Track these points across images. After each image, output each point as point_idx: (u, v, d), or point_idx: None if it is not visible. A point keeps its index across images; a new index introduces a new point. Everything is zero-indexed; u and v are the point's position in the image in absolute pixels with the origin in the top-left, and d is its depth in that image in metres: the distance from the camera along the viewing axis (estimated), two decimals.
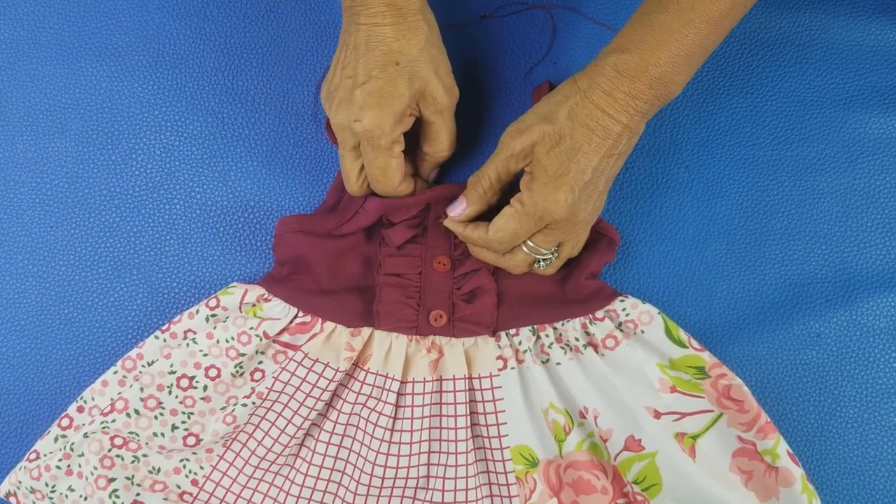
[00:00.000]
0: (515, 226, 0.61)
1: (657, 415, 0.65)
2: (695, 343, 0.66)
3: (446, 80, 0.63)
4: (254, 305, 0.67)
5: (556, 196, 0.60)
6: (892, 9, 0.72)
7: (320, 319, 0.67)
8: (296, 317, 0.67)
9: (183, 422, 0.66)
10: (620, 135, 0.60)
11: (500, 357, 0.66)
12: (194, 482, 0.67)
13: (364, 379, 0.66)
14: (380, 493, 0.65)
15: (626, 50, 0.59)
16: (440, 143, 0.64)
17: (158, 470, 0.66)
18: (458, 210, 0.64)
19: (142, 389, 0.65)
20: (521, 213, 0.61)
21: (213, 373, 0.66)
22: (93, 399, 0.67)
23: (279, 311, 0.66)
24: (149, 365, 0.67)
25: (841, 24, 0.72)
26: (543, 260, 0.64)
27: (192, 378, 0.66)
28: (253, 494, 0.67)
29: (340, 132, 0.62)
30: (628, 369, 0.66)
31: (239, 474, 0.67)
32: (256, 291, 0.67)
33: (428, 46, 0.61)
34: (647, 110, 0.60)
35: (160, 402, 0.66)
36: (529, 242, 0.62)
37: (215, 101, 0.72)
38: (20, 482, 0.66)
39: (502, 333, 0.67)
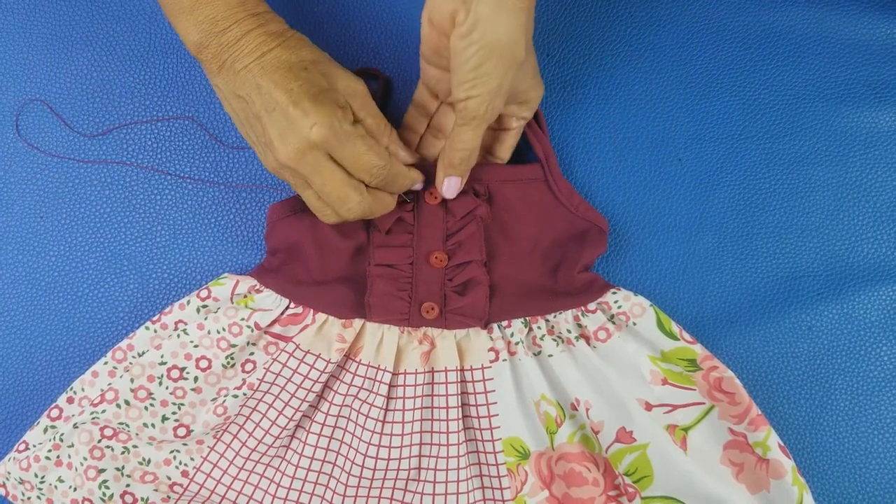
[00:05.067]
0: None
1: (649, 407, 0.65)
2: (686, 335, 0.66)
3: (350, 73, 0.61)
4: (245, 296, 0.67)
5: None
6: (884, 3, 0.72)
7: (312, 311, 0.67)
8: (287, 308, 0.66)
9: (173, 413, 0.66)
10: None
11: (492, 349, 0.66)
12: (185, 473, 0.67)
13: (356, 371, 0.66)
14: (371, 484, 0.65)
15: None
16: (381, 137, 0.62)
17: (148, 461, 0.66)
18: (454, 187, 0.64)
19: (132, 380, 0.65)
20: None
21: (203, 364, 0.65)
22: (83, 390, 0.67)
23: (271, 302, 0.66)
24: (139, 356, 0.66)
25: (833, 18, 0.72)
26: None
27: (182, 369, 0.65)
28: (244, 486, 0.67)
29: (304, 159, 0.58)
30: (620, 361, 0.66)
31: (230, 466, 0.67)
32: (248, 282, 0.67)
33: (318, 50, 0.60)
34: None
35: (150, 393, 0.65)
36: None
37: (207, 91, 0.71)
38: (9, 473, 0.66)
39: (494, 325, 0.67)
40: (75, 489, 0.65)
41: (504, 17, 0.57)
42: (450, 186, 0.64)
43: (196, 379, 0.66)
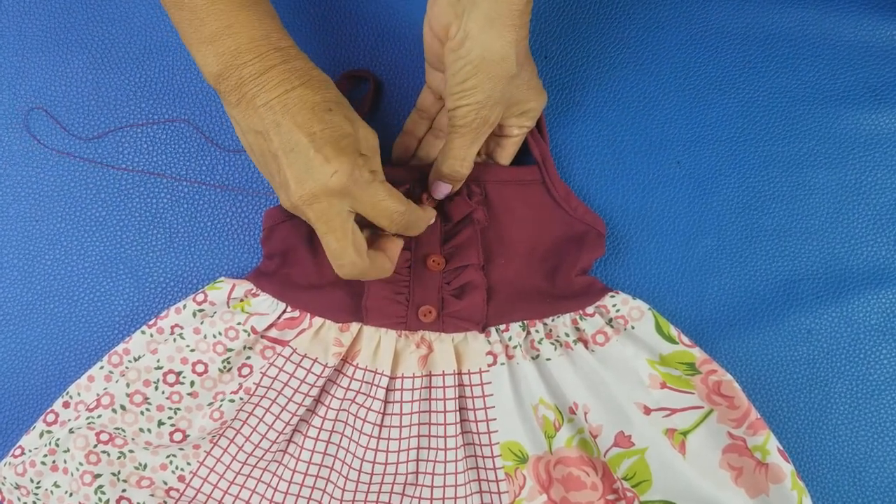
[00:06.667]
0: None
1: (647, 411, 0.65)
2: (685, 339, 0.66)
3: (365, 124, 0.60)
4: (242, 300, 0.66)
5: None
6: (883, 5, 0.72)
7: (309, 315, 0.66)
8: (284, 312, 0.66)
9: (169, 417, 0.65)
10: None
11: (489, 353, 0.66)
12: (181, 478, 0.66)
13: (353, 374, 0.66)
14: (368, 489, 0.65)
15: None
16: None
17: (145, 466, 0.66)
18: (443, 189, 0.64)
19: (128, 385, 0.65)
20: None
21: (200, 368, 0.65)
22: (79, 394, 0.66)
23: (267, 306, 0.66)
24: (135, 360, 0.66)
25: (833, 20, 0.72)
26: None
27: (178, 373, 0.65)
28: (240, 491, 0.67)
29: (315, 204, 0.56)
30: (618, 365, 0.65)
31: (226, 470, 0.66)
32: (244, 286, 0.67)
33: (341, 94, 0.59)
34: None
35: (146, 398, 0.65)
36: None
37: (203, 93, 0.71)
38: (5, 478, 0.66)
39: (492, 329, 0.67)
40: (71, 494, 0.65)
41: (493, 34, 0.57)
42: (439, 190, 0.64)
43: (192, 383, 0.65)
